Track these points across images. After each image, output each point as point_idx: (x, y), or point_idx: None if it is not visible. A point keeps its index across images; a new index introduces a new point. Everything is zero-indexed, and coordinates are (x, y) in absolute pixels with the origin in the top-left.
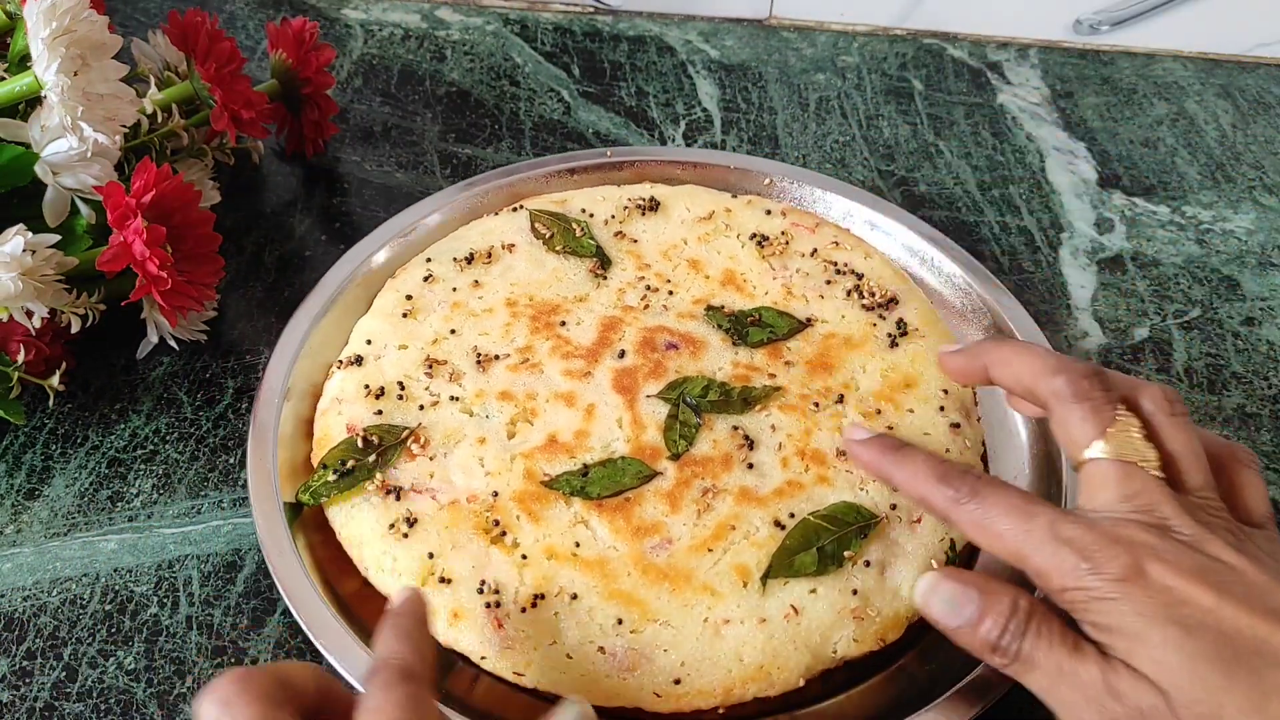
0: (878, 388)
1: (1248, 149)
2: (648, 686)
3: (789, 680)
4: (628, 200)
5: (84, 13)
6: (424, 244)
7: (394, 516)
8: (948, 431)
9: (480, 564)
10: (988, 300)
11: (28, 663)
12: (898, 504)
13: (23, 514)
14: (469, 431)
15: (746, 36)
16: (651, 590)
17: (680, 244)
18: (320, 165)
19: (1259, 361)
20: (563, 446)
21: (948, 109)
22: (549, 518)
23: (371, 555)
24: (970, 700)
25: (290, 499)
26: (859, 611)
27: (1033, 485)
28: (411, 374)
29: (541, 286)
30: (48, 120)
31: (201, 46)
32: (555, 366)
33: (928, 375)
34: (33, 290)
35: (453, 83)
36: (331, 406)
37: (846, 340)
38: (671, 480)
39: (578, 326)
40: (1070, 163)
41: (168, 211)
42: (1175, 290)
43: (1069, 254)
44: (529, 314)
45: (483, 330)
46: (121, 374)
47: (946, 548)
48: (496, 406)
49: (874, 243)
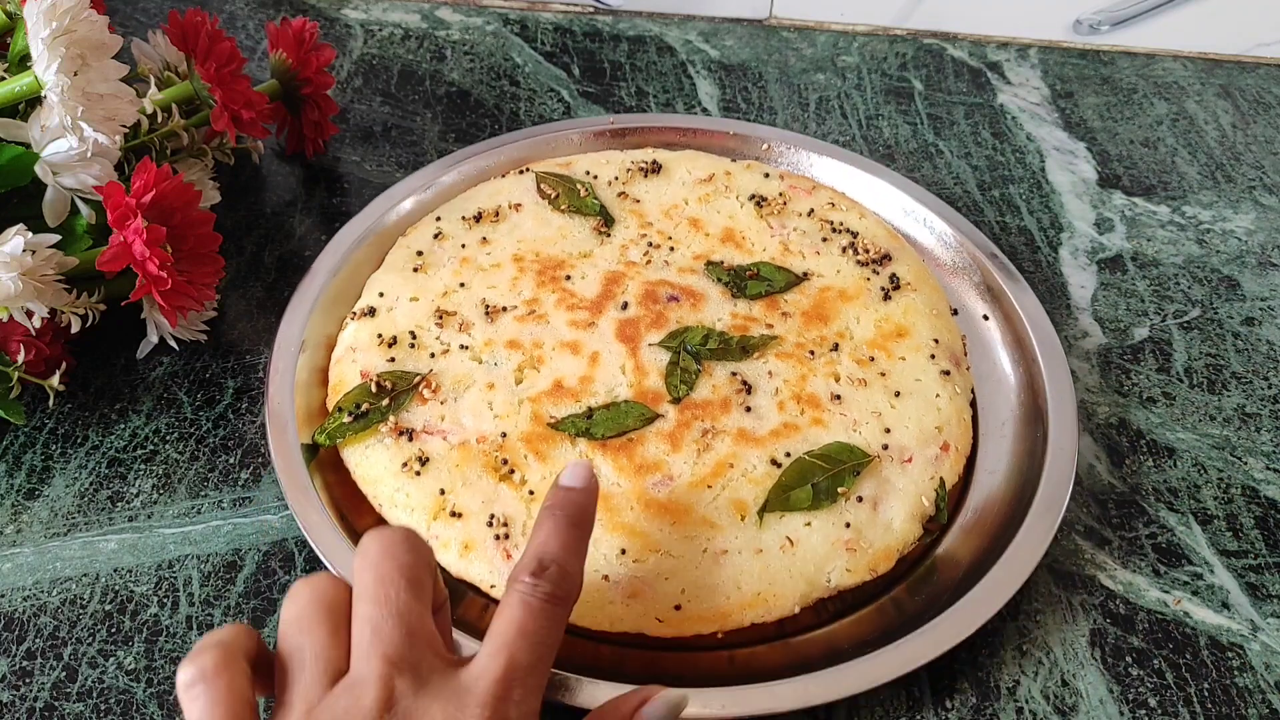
0: (871, 337)
1: (1248, 149)
2: (650, 612)
3: (785, 608)
4: (630, 163)
5: (84, 13)
6: (434, 204)
7: (407, 456)
8: (938, 379)
9: (489, 499)
10: (978, 258)
11: (28, 663)
12: (889, 444)
13: (23, 514)
14: (478, 378)
15: (746, 36)
16: (653, 523)
17: (681, 204)
18: (320, 165)
19: (1259, 361)
20: (568, 391)
21: (948, 109)
22: (555, 457)
23: (385, 492)
24: (957, 628)
25: (307, 440)
26: (851, 544)
27: (1018, 433)
28: (422, 324)
29: (547, 243)
30: (48, 120)
31: (201, 46)
32: (561, 317)
33: (919, 326)
34: (33, 290)
35: (453, 83)
36: (346, 355)
37: (841, 293)
38: (672, 422)
39: (582, 280)
40: (1070, 163)
41: (168, 211)
42: (1175, 290)
43: (1069, 254)
44: (535, 269)
45: (491, 284)
46: (121, 374)
47: (936, 485)
48: (504, 354)
49: (868, 204)
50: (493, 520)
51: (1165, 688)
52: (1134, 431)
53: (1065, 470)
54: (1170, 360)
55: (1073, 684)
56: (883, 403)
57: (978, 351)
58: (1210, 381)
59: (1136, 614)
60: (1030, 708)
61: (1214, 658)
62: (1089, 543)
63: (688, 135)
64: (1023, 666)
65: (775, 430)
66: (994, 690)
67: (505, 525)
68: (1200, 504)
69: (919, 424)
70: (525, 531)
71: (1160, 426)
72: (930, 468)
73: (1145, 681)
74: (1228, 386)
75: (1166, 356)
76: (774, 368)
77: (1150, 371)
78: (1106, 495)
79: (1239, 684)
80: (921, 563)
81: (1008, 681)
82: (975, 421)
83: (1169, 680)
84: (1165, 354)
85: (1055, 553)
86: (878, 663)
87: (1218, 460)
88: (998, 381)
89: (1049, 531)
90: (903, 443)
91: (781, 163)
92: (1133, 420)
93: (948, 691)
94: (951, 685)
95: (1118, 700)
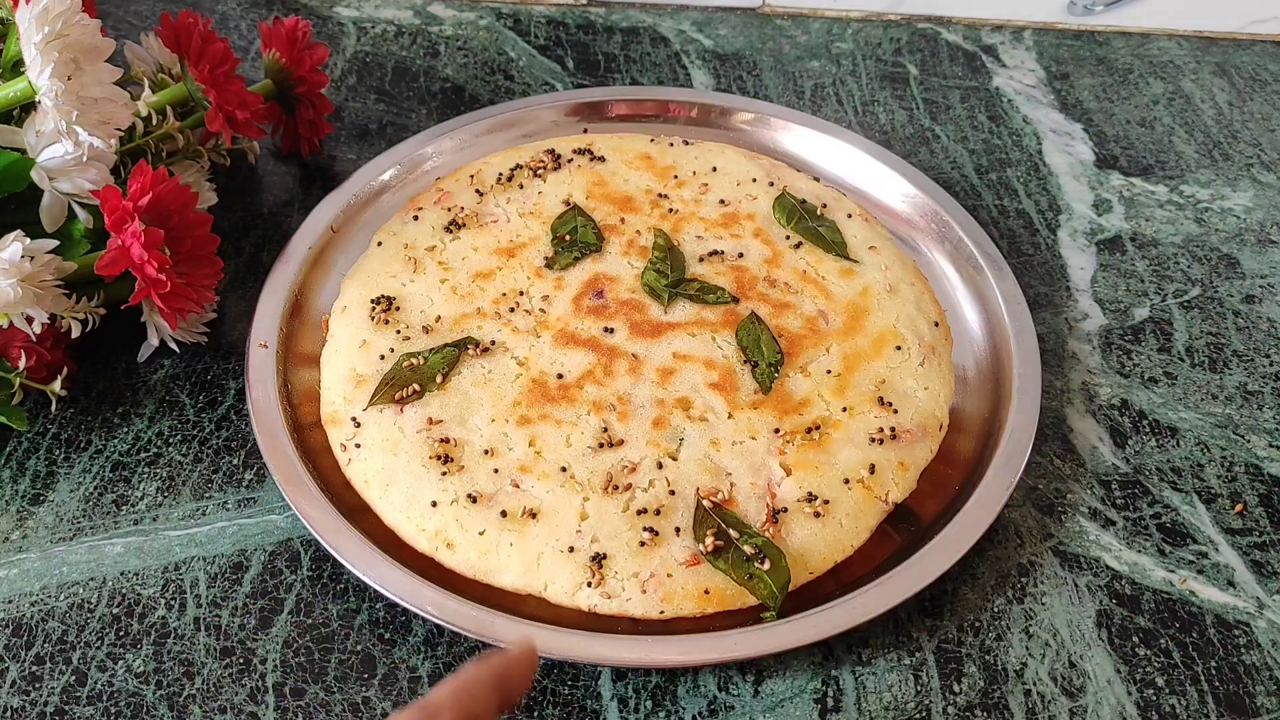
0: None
1: (1244, 127)
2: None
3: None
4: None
5: (76, 16)
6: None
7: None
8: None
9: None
10: (936, 209)
11: (37, 668)
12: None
13: (28, 520)
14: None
15: (740, 25)
16: None
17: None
18: (316, 164)
19: (1260, 339)
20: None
21: (943, 93)
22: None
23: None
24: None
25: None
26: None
27: (986, 366)
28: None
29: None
30: (43, 125)
31: (194, 48)
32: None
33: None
34: (32, 296)
35: (447, 78)
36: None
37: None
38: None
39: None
40: (1067, 144)
41: (165, 214)
42: (1175, 269)
43: (1068, 235)
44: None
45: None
46: (123, 377)
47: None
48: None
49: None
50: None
51: (1172, 667)
52: (1136, 412)
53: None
54: (1171, 340)
55: (1080, 665)
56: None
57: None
58: (1212, 360)
59: (1142, 594)
60: (1038, 689)
61: (1220, 636)
62: (1094, 524)
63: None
64: (1029, 649)
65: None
66: (1001, 673)
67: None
68: (1204, 483)
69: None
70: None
71: (1163, 406)
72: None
73: (1152, 661)
74: (1229, 365)
75: (1167, 336)
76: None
77: (1151, 351)
78: (1110, 476)
79: (1246, 661)
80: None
81: (1015, 664)
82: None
83: (1176, 659)
84: (1166, 334)
85: (1060, 535)
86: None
87: (1220, 439)
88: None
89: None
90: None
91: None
92: (1135, 401)
93: (955, 675)
94: (959, 669)
95: (1125, 680)
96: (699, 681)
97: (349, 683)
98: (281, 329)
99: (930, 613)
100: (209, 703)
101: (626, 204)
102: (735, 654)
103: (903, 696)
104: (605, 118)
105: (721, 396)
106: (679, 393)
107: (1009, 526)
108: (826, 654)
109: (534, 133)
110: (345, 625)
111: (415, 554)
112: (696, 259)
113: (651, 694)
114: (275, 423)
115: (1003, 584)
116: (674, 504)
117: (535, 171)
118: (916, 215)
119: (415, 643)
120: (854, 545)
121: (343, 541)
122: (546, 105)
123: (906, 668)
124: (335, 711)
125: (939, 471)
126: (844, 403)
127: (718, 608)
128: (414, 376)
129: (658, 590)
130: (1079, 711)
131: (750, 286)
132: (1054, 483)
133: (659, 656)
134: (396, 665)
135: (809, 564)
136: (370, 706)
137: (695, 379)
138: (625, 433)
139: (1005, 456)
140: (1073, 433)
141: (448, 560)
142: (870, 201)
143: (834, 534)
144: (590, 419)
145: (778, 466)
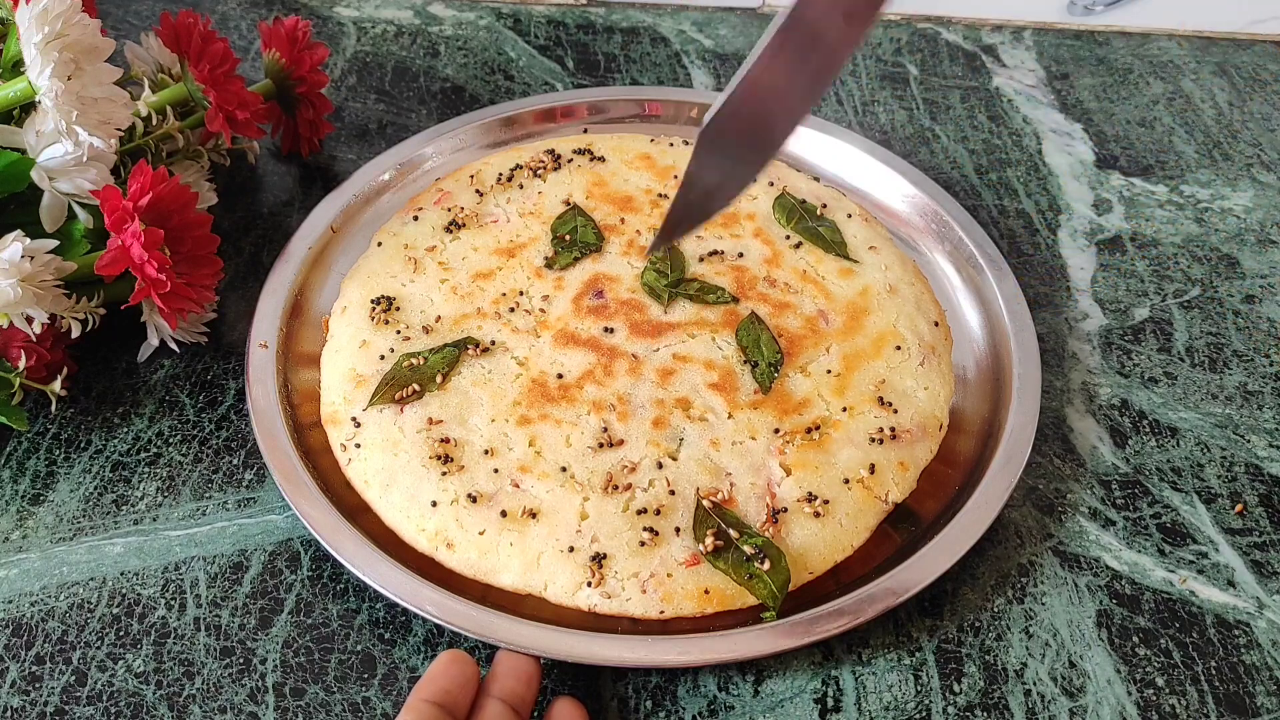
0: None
1: (1244, 126)
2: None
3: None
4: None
5: (76, 16)
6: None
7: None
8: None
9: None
10: (935, 209)
11: (37, 668)
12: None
13: (28, 519)
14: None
15: (740, 25)
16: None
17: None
18: (316, 164)
19: (1260, 339)
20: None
21: (943, 93)
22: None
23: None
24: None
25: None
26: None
27: (986, 366)
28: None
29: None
30: (43, 125)
31: (194, 48)
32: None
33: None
34: (32, 296)
35: (447, 78)
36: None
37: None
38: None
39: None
40: (1067, 144)
41: (165, 214)
42: (1175, 269)
43: (1068, 235)
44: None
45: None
46: (123, 377)
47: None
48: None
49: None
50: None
51: (1172, 667)
52: (1136, 412)
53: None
54: (1171, 340)
55: (1080, 665)
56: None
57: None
58: (1212, 360)
59: (1142, 594)
60: (1038, 689)
61: (1220, 636)
62: (1094, 524)
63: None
64: (1030, 649)
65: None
66: (1001, 673)
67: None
68: (1204, 483)
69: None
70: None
71: (1163, 406)
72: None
73: (1152, 661)
74: (1229, 365)
75: (1167, 336)
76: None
77: (1151, 351)
78: (1110, 476)
79: (1246, 661)
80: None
81: (1015, 664)
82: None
83: (1176, 659)
84: (1166, 334)
85: (1060, 535)
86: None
87: (1221, 439)
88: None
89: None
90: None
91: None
92: (1135, 401)
93: (955, 675)
94: (959, 669)
95: (1125, 680)
96: (699, 681)
97: (349, 683)
98: (281, 329)
99: (930, 613)
100: (209, 703)
101: (626, 204)
102: (735, 654)
103: (903, 696)
104: (605, 118)
105: (721, 396)
106: (679, 393)
107: (1009, 526)
108: (826, 654)
109: (534, 133)
110: (345, 625)
111: (415, 554)
112: (696, 259)
113: (651, 694)
114: (275, 423)
115: (1003, 584)
116: (674, 504)
117: (535, 171)
118: (916, 215)
119: (415, 643)
120: (854, 545)
121: (343, 541)
122: (546, 105)
123: (906, 668)
124: (335, 711)
125: (939, 471)
126: (844, 403)
127: (718, 608)
128: (414, 376)
129: (658, 590)
130: (1079, 711)
131: (750, 286)
132: (1054, 483)
133: (659, 656)
134: (396, 665)
135: (809, 564)
136: (370, 706)
137: (695, 379)
138: (625, 433)
139: (1005, 456)
140: (1073, 433)
141: (448, 560)
142: (870, 201)
143: (834, 534)
144: (590, 419)
145: (778, 466)
